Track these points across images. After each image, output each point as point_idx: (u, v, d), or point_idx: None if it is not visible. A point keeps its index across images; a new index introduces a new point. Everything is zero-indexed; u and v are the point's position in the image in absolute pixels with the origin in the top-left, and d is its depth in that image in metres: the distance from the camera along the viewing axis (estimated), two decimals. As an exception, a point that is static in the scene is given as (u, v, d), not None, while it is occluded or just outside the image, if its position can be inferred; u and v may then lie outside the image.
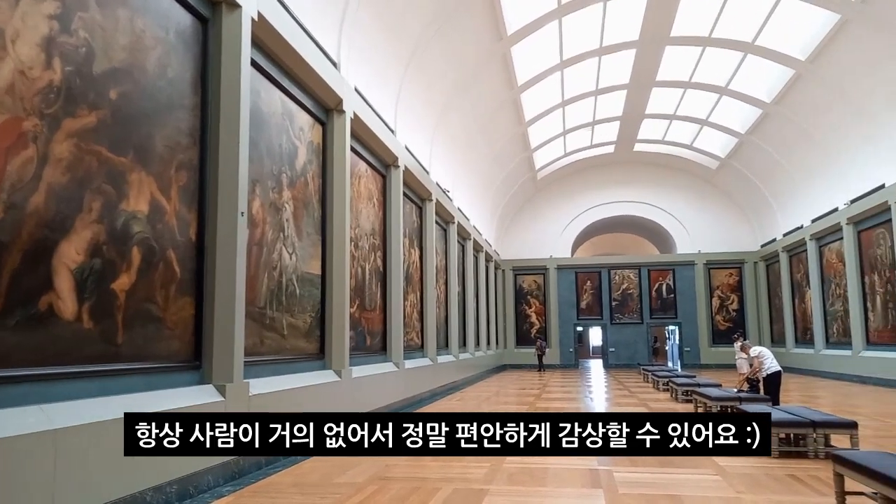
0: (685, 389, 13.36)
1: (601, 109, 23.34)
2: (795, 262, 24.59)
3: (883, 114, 16.40)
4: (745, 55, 18.02)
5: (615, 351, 30.37)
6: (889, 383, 16.82)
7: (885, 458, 4.75)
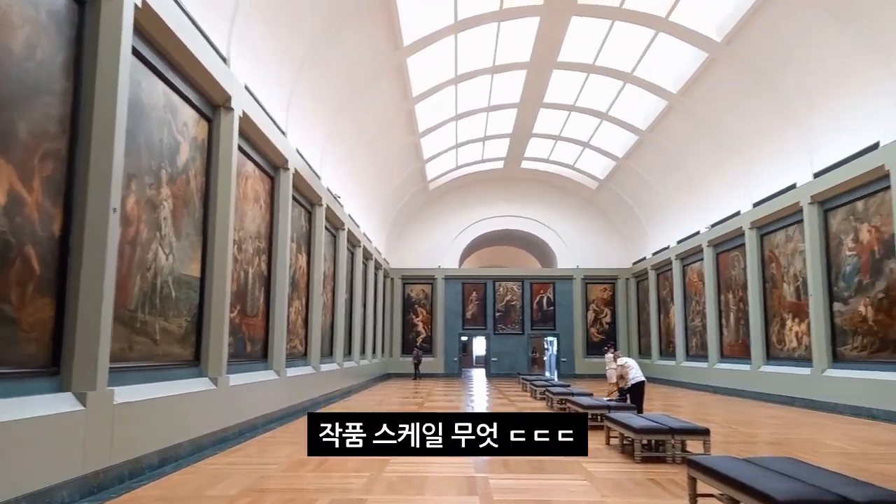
0: (560, 398, 13.95)
1: (492, 126, 24.03)
2: (662, 279, 26.42)
3: (741, 147, 18.05)
4: (625, 84, 19.24)
5: (497, 361, 31.20)
6: (739, 393, 18.43)
7: (732, 462, 5.20)
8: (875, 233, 13.13)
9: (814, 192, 14.85)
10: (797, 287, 16.14)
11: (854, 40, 12.45)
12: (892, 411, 11.93)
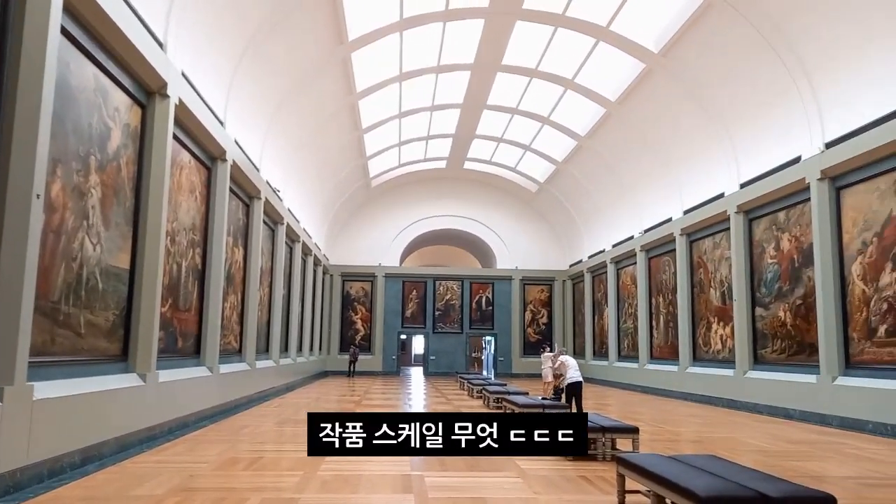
0: (496, 397, 14.13)
1: (436, 125, 24.09)
2: (597, 282, 27.11)
3: (673, 156, 18.71)
4: (566, 90, 19.64)
5: (436, 359, 31.32)
6: (666, 393, 19.10)
7: (658, 459, 5.39)
8: (795, 242, 13.85)
9: (740, 202, 15.53)
10: (723, 292, 16.85)
11: (779, 60, 13.08)
12: (807, 411, 12.62)
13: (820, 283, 12.53)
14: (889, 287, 11.05)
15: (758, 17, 12.87)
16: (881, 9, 10.59)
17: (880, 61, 11.10)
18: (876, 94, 11.25)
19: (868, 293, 11.55)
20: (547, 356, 18.15)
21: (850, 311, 12.03)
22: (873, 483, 6.71)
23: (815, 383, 12.51)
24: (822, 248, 12.52)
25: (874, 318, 11.38)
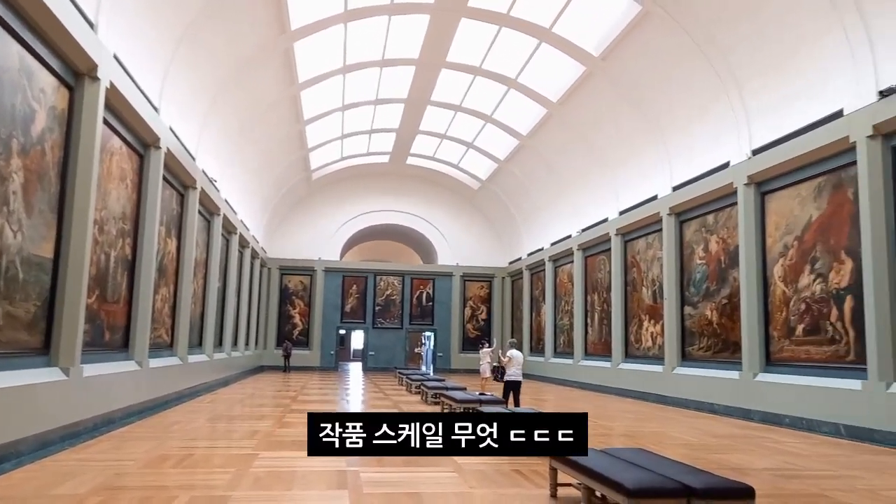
0: (434, 392, 14.20)
1: (379, 119, 23.94)
2: (536, 279, 27.57)
3: (610, 159, 19.21)
4: (509, 89, 19.85)
5: (375, 355, 31.20)
6: (600, 388, 19.62)
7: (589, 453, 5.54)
8: (722, 244, 14.45)
9: (672, 204, 16.09)
10: (654, 291, 17.43)
11: (712, 69, 13.61)
12: (730, 406, 13.20)
13: (744, 283, 13.12)
14: (807, 288, 11.68)
15: (693, 27, 13.34)
16: (809, 22, 11.13)
17: (806, 73, 11.69)
18: (801, 105, 11.84)
19: (788, 294, 12.17)
20: (485, 352, 18.37)
21: (771, 311, 12.65)
22: (789, 474, 7.08)
23: (738, 379, 13.11)
24: (747, 250, 13.11)
25: (793, 318, 12.00)
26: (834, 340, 10.99)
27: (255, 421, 11.00)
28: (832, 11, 10.54)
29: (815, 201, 11.65)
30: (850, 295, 10.63)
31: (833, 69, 10.96)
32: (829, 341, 11.11)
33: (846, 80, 10.66)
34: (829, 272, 11.18)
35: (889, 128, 9.87)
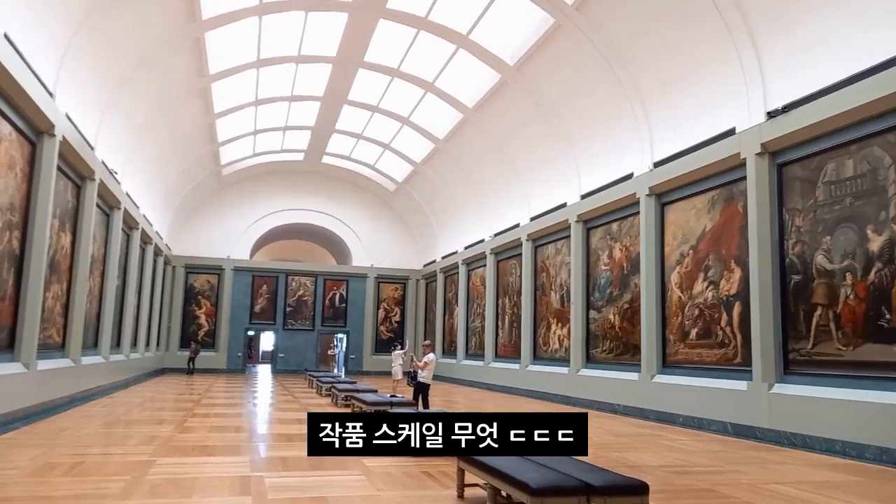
0: (345, 395, 14.07)
1: (294, 116, 23.47)
2: (449, 282, 27.85)
3: (523, 165, 19.71)
4: (426, 93, 19.98)
5: (285, 357, 30.52)
6: (510, 390, 20.04)
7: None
8: (625, 251, 15.14)
9: (580, 212, 16.69)
10: (562, 295, 18.01)
11: (619, 83, 14.25)
12: (630, 406, 13.83)
13: (644, 289, 13.80)
14: (700, 295, 12.43)
15: (601, 42, 13.91)
16: (708, 45, 11.87)
17: (703, 92, 12.44)
18: (698, 122, 12.59)
19: (683, 300, 12.91)
20: (398, 354, 18.34)
21: (668, 316, 13.37)
22: (680, 471, 7.51)
23: (636, 381, 13.76)
24: (648, 258, 13.80)
25: (687, 323, 12.74)
26: (723, 344, 11.75)
27: (155, 426, 10.52)
28: (728, 37, 11.28)
29: (708, 213, 12.42)
30: (739, 301, 11.40)
31: (727, 89, 11.73)
32: (719, 345, 11.87)
33: (739, 101, 11.43)
34: (720, 280, 11.95)
35: (775, 146, 10.66)
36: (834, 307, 9.50)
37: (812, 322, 9.85)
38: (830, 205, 9.73)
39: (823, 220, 9.82)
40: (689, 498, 6.19)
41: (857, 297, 9.13)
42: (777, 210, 10.68)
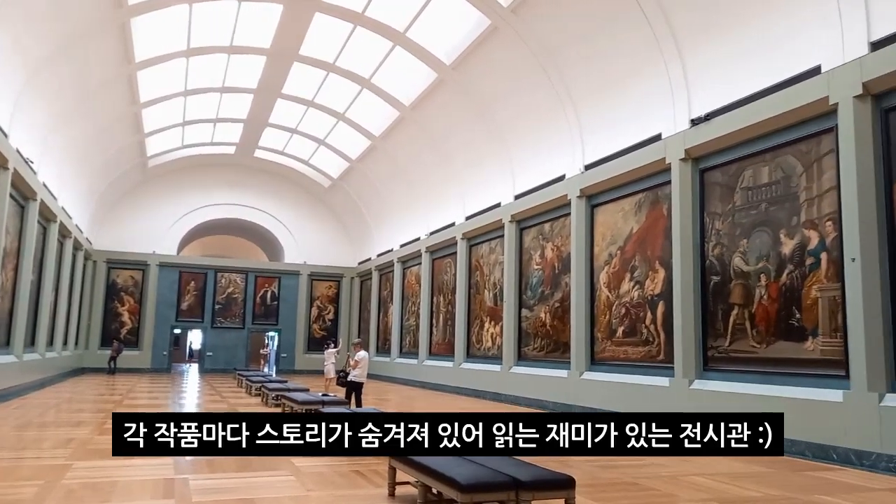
0: (276, 394, 13.82)
1: (226, 108, 22.84)
2: (384, 280, 27.75)
3: (458, 165, 19.85)
4: (362, 89, 19.83)
5: (213, 355, 29.67)
6: (443, 388, 20.16)
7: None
8: (556, 251, 15.49)
9: (513, 212, 16.95)
10: (495, 294, 18.26)
11: (552, 87, 14.55)
12: (559, 402, 14.17)
13: (574, 288, 14.15)
14: (627, 294, 12.86)
15: (537, 46, 14.17)
16: (637, 52, 12.27)
17: (632, 98, 12.86)
18: (627, 127, 13.00)
19: (611, 299, 13.32)
20: (330, 352, 18.18)
21: (596, 315, 13.76)
22: (606, 465, 7.75)
23: (566, 377, 14.10)
24: (578, 257, 14.16)
25: (615, 321, 13.16)
26: (648, 342, 12.20)
27: (71, 428, 10.06)
28: (656, 47, 11.71)
29: (635, 215, 12.86)
30: (662, 301, 11.86)
31: (655, 97, 12.17)
32: (643, 342, 12.32)
33: (665, 108, 11.88)
34: (645, 280, 12.40)
35: (698, 153, 11.14)
36: (749, 307, 10.02)
37: (729, 321, 10.36)
38: (747, 209, 10.25)
39: (741, 223, 10.34)
40: (614, 491, 6.41)
41: (771, 297, 9.66)
42: (699, 213, 11.16)
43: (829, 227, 8.87)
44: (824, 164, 9.04)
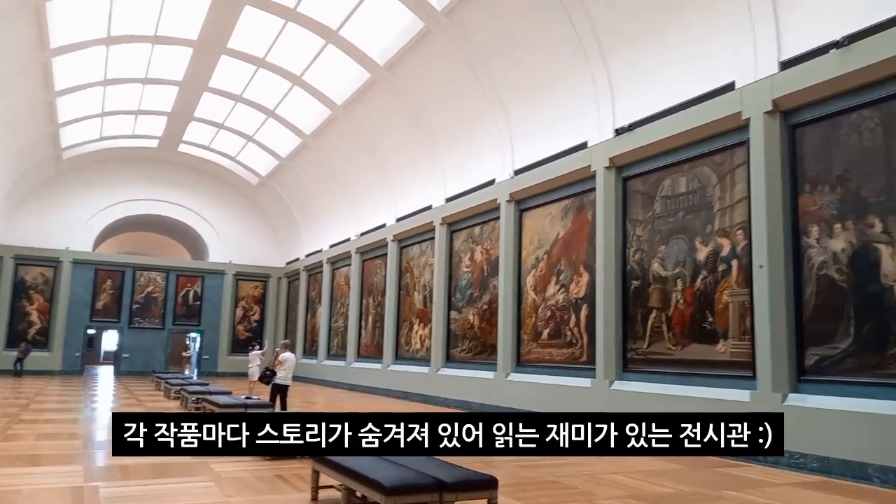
0: (196, 397, 13.37)
1: (148, 100, 21.96)
2: (313, 281, 27.33)
3: (390, 167, 19.81)
4: (293, 86, 19.49)
5: (130, 357, 28.39)
6: (371, 390, 20.02)
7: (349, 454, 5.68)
8: (485, 254, 15.69)
9: (444, 215, 17.05)
10: (425, 296, 18.31)
11: (483, 92, 14.74)
12: (485, 403, 14.33)
13: (502, 291, 14.37)
14: (553, 297, 13.16)
15: (469, 50, 14.32)
16: (566, 62, 12.59)
17: (560, 106, 13.18)
18: (555, 134, 13.32)
19: (537, 302, 13.61)
20: (255, 354, 17.77)
21: (523, 317, 14.02)
22: (529, 465, 7.91)
23: (492, 379, 14.29)
24: (506, 261, 14.39)
25: (540, 324, 13.45)
26: (571, 344, 12.53)
27: (-30, 436, 9.42)
28: (583, 55, 12.06)
29: (562, 220, 13.19)
30: (586, 304, 12.21)
31: (582, 105, 12.53)
32: (567, 344, 12.64)
33: (592, 117, 12.25)
34: (570, 283, 12.73)
35: (621, 161, 11.53)
36: (666, 310, 10.45)
37: (648, 324, 10.78)
38: (666, 217, 10.70)
39: (660, 230, 10.77)
40: (535, 490, 6.56)
41: (686, 301, 10.12)
42: (621, 220, 11.55)
43: (739, 235, 9.37)
44: (737, 175, 9.54)
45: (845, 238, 8.03)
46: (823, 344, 8.14)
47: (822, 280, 8.24)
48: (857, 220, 7.92)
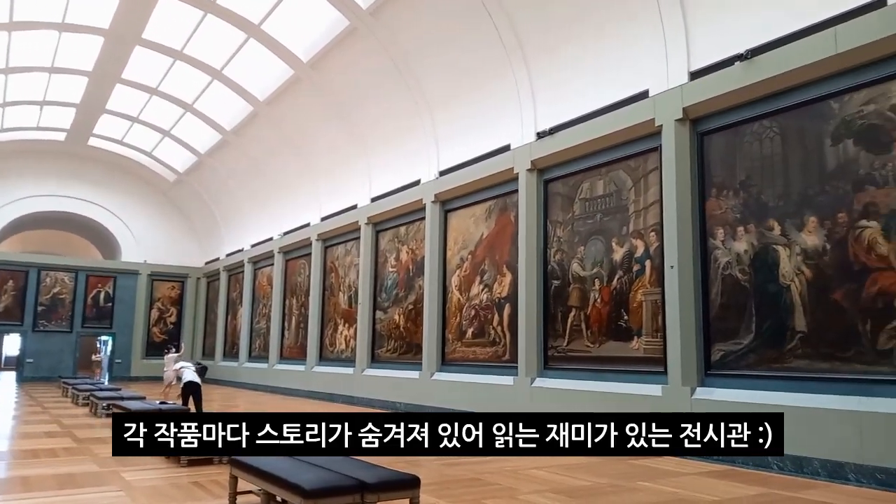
0: (107, 403, 12.79)
1: (55, 90, 20.75)
2: (234, 281, 26.57)
3: (315, 165, 19.53)
4: (213, 80, 18.90)
5: (35, 362, 26.74)
6: (294, 392, 19.66)
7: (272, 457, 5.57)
8: (411, 254, 15.72)
9: (370, 214, 16.98)
10: (350, 296, 18.16)
11: (410, 94, 14.77)
12: (411, 403, 14.36)
13: (427, 291, 14.45)
14: (477, 297, 13.35)
15: (396, 51, 14.31)
16: (489, 64, 12.78)
17: (484, 108, 13.38)
18: (479, 136, 13.50)
19: (462, 301, 13.76)
20: (171, 357, 17.16)
21: (447, 317, 14.15)
22: (453, 463, 8.00)
23: (417, 378, 14.34)
24: (431, 261, 14.47)
25: (465, 323, 13.61)
26: (495, 342, 12.74)
27: None
28: (506, 59, 12.29)
29: (486, 221, 13.40)
30: (509, 303, 12.44)
31: (505, 108, 12.75)
32: (491, 343, 12.85)
33: (515, 120, 12.49)
34: (493, 283, 12.95)
35: (542, 164, 11.82)
36: (585, 309, 10.80)
37: (567, 322, 11.11)
38: (584, 219, 11.05)
39: (579, 232, 11.12)
40: (458, 488, 6.65)
41: (603, 300, 10.49)
42: (543, 221, 11.84)
43: (653, 237, 9.81)
44: (650, 179, 9.98)
45: (747, 240, 8.55)
46: (728, 340, 8.64)
47: (727, 280, 8.74)
48: (758, 223, 8.45)
